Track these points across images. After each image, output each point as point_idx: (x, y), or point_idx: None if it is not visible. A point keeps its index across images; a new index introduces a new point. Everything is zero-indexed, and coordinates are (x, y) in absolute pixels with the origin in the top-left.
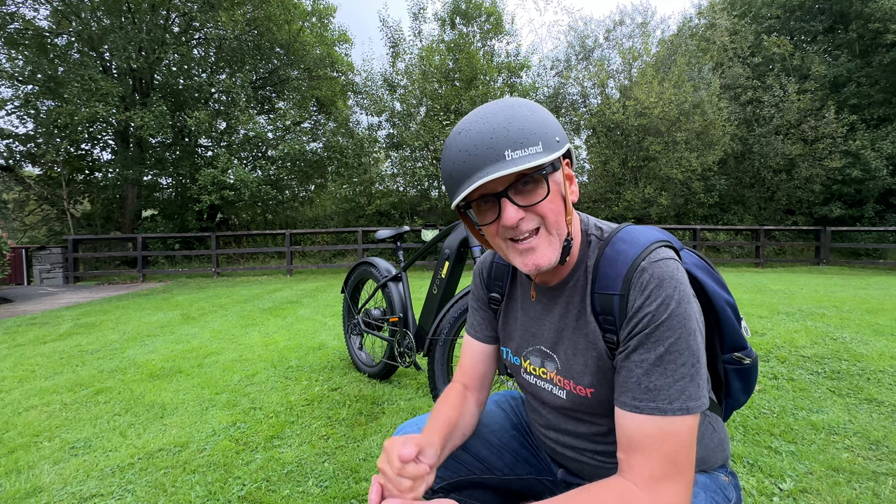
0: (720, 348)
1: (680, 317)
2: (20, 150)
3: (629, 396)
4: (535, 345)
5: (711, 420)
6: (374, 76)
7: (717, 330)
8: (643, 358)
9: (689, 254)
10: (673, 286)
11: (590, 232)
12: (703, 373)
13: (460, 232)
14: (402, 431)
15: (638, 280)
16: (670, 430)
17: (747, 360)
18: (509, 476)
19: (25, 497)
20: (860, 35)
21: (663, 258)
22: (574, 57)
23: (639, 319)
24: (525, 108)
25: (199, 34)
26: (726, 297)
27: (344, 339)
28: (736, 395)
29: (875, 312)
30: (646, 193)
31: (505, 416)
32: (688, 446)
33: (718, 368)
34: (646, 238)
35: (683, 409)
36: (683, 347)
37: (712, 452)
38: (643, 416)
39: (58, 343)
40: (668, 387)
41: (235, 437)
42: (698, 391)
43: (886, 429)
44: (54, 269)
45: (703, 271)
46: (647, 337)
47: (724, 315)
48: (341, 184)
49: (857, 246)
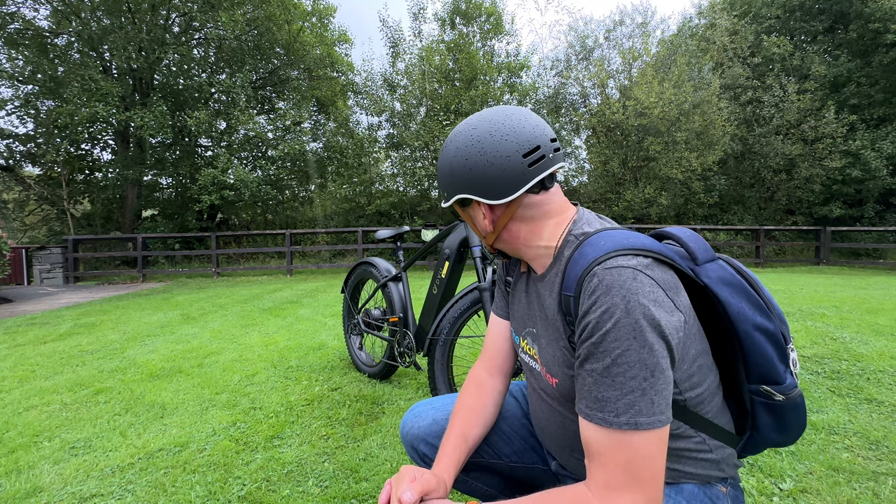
0: (746, 376)
1: (627, 328)
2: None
3: (584, 404)
4: (529, 327)
5: (707, 441)
6: (374, 76)
7: (741, 355)
8: (593, 367)
9: (721, 267)
10: (621, 295)
11: (573, 232)
12: (658, 388)
13: (460, 232)
14: (416, 409)
15: (587, 285)
16: (623, 442)
17: (779, 397)
18: (516, 463)
19: (25, 497)
20: (860, 35)
21: (619, 266)
22: (574, 57)
23: (584, 326)
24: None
25: (199, 34)
26: (757, 322)
27: (344, 339)
28: (765, 430)
29: (875, 312)
30: (646, 193)
31: (517, 404)
32: (646, 459)
33: (743, 398)
34: (611, 243)
35: (631, 423)
36: (633, 360)
37: (704, 469)
38: (594, 425)
39: (58, 343)
40: (616, 399)
41: (235, 437)
42: (651, 407)
43: (886, 429)
44: (54, 269)
45: (731, 289)
46: (595, 346)
47: (749, 340)
48: (341, 184)
49: (857, 246)
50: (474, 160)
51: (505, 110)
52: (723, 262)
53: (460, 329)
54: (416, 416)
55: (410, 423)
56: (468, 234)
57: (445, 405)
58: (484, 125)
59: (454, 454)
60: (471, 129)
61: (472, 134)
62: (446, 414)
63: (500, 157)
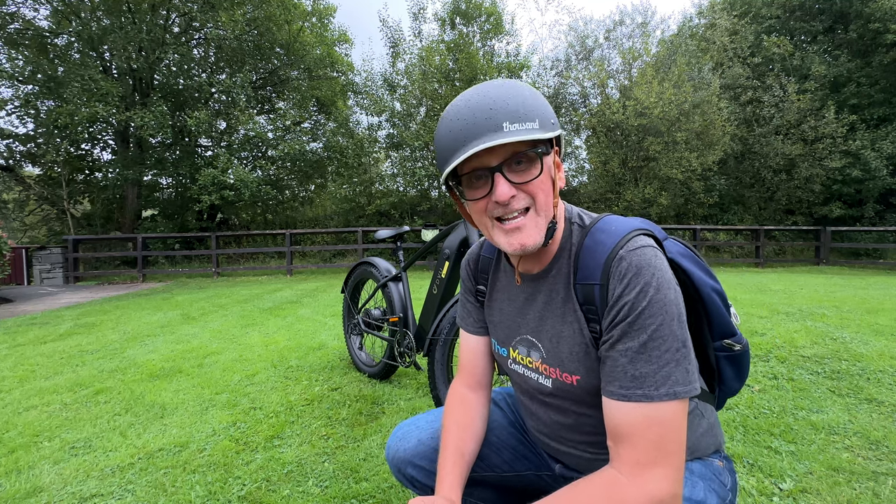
0: (710, 335)
1: (660, 303)
2: (20, 150)
3: (616, 385)
4: (522, 334)
5: (700, 407)
6: (374, 76)
7: (705, 317)
8: (627, 346)
9: (673, 243)
10: (651, 273)
11: (573, 220)
12: (690, 358)
13: (460, 232)
14: (400, 432)
15: (616, 269)
16: (656, 416)
17: (738, 347)
18: (508, 473)
19: (25, 497)
20: (860, 35)
21: (641, 246)
22: (574, 57)
23: (619, 308)
24: (525, 87)
25: (199, 34)
26: (712, 284)
27: (344, 339)
28: (729, 382)
29: (875, 312)
30: (646, 193)
31: (502, 413)
32: (675, 431)
33: (710, 356)
34: (624, 227)
35: (671, 394)
36: (667, 333)
37: (702, 439)
38: (631, 403)
39: (58, 343)
40: (654, 373)
41: (235, 437)
42: (686, 376)
43: (886, 429)
44: (54, 269)
45: (688, 260)
46: (630, 325)
47: (712, 302)
48: (341, 184)
49: (857, 246)
50: (535, 92)
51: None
52: (673, 240)
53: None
54: (401, 438)
55: (395, 445)
56: (468, 233)
57: (429, 423)
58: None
59: (455, 472)
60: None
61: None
62: (431, 433)
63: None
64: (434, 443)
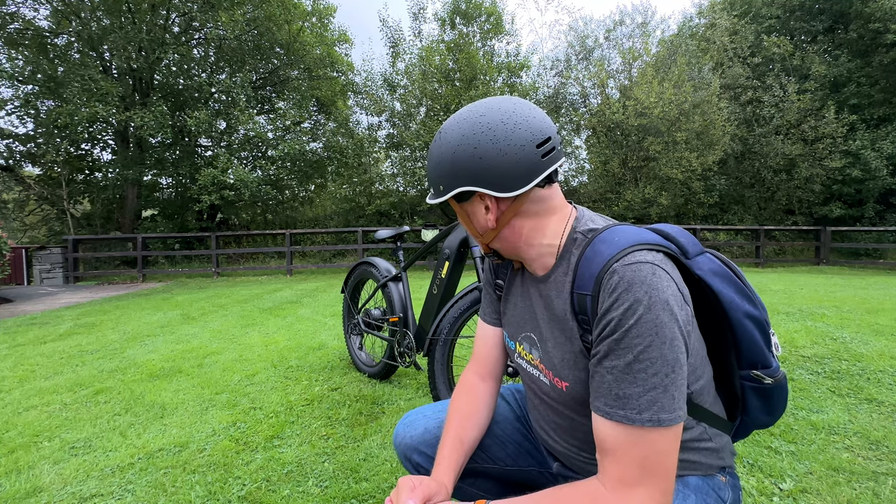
0: (738, 363)
1: (650, 323)
2: (20, 150)
3: (601, 402)
4: (527, 331)
5: (709, 432)
6: (374, 76)
7: (732, 343)
8: (613, 364)
9: (709, 259)
10: (644, 291)
11: (578, 229)
12: (679, 384)
13: (460, 232)
14: (408, 419)
15: (607, 282)
16: (640, 439)
17: (768, 381)
18: (511, 467)
19: (25, 497)
20: (860, 35)
21: (638, 261)
22: (574, 57)
23: (606, 323)
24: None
25: (199, 34)
26: (747, 309)
27: (344, 339)
28: (755, 413)
29: (875, 312)
30: (646, 193)
31: (509, 408)
32: (661, 454)
33: (735, 385)
34: (625, 239)
35: (654, 420)
36: (655, 356)
37: (706, 458)
38: (613, 422)
39: (58, 343)
40: (638, 396)
41: (235, 437)
42: (672, 403)
43: (886, 429)
44: (54, 269)
45: (721, 279)
46: (617, 343)
47: (742, 328)
48: (341, 184)
49: (857, 246)
50: (485, 148)
51: (511, 99)
52: (710, 255)
53: (460, 329)
54: (408, 425)
55: (402, 432)
56: (468, 233)
57: (437, 413)
58: (493, 113)
59: (452, 457)
60: (478, 116)
61: (481, 121)
62: (438, 422)
63: (515, 146)
64: (440, 431)
